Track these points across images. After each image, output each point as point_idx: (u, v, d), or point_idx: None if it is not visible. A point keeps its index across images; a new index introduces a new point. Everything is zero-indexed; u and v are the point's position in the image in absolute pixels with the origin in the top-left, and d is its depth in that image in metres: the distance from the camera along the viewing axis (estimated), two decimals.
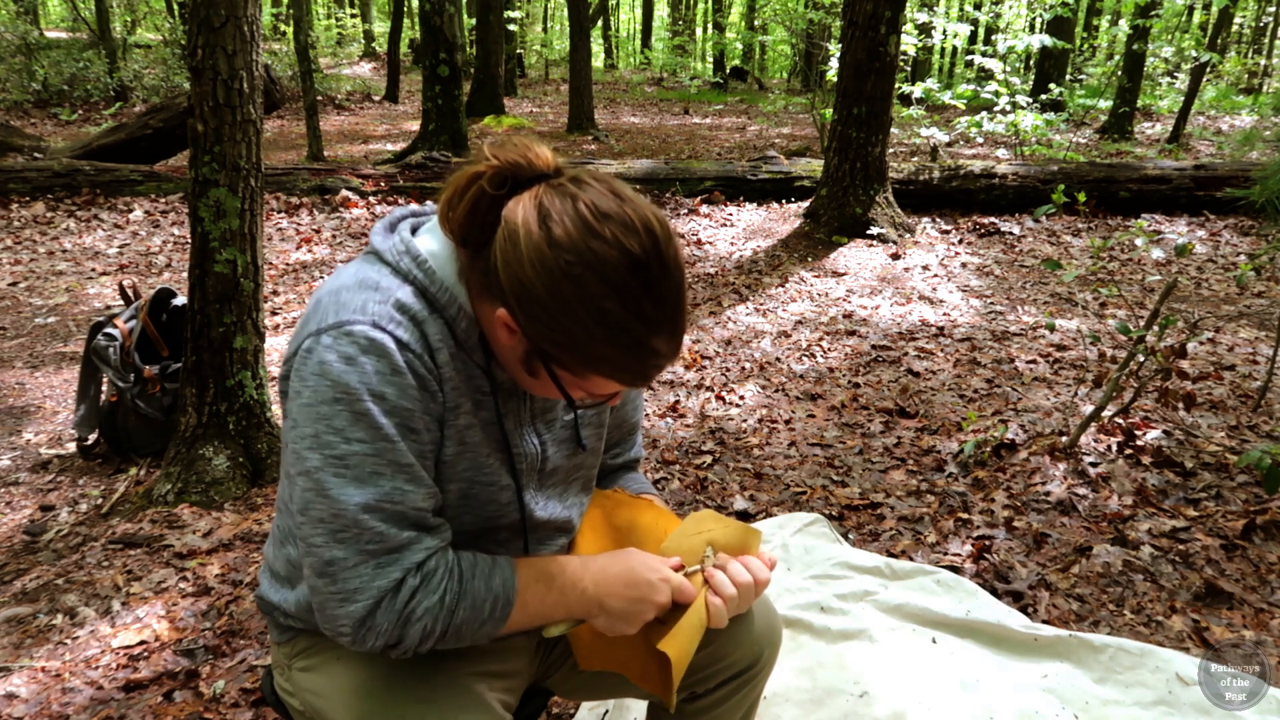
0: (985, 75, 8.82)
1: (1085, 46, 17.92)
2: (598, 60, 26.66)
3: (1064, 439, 2.93)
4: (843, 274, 5.52)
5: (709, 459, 3.04)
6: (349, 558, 0.90)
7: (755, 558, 1.11)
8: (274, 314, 4.57)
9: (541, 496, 1.12)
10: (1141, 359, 2.93)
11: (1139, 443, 2.88)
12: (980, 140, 10.03)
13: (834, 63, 7.77)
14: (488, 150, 0.93)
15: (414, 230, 1.02)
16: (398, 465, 0.92)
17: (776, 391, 3.65)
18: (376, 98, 16.12)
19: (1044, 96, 11.93)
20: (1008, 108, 8.17)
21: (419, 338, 0.93)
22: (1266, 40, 21.38)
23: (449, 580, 0.95)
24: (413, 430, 0.93)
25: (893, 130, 6.91)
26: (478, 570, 0.97)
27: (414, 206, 1.08)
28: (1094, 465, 2.78)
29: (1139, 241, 5.71)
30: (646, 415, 3.43)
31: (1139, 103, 12.48)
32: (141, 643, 2.01)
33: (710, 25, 28.17)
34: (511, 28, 17.79)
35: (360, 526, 0.90)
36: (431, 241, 0.98)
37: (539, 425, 1.09)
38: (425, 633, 0.93)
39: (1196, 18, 22.28)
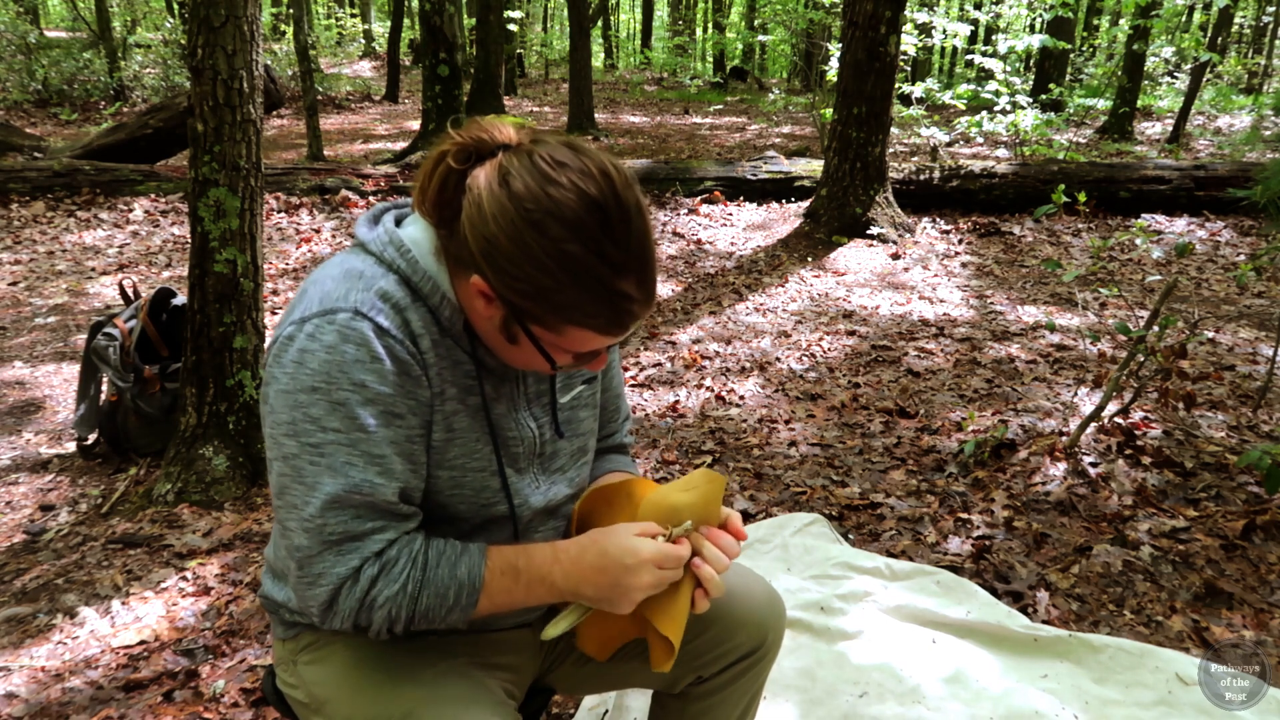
0: (985, 75, 8.82)
1: (1085, 46, 17.91)
2: (598, 60, 26.64)
3: (1064, 439, 2.93)
4: (843, 274, 5.52)
5: (709, 459, 3.04)
6: (312, 546, 0.93)
7: (726, 533, 1.04)
8: (274, 314, 4.56)
9: (546, 480, 1.12)
10: (1141, 359, 2.94)
11: (1139, 443, 2.88)
12: (980, 140, 10.03)
13: (834, 63, 7.76)
14: (450, 129, 0.95)
15: (398, 221, 1.03)
16: (371, 456, 0.93)
17: (776, 391, 3.65)
18: (376, 97, 16.11)
19: (1044, 96, 11.94)
20: (1008, 107, 8.17)
21: (401, 324, 0.95)
22: (1266, 40, 21.36)
23: (411, 569, 0.96)
24: (396, 415, 0.94)
25: (893, 130, 6.91)
26: (444, 558, 0.98)
27: (396, 200, 1.10)
28: (1094, 465, 2.78)
29: (1139, 241, 5.70)
30: (646, 415, 3.43)
31: (1139, 103, 12.47)
32: (141, 642, 2.01)
33: (710, 25, 28.17)
34: (511, 28, 17.76)
35: (324, 518, 0.92)
36: (414, 230, 1.00)
37: (535, 409, 1.10)
38: (390, 618, 0.96)
39: (1196, 18, 22.27)
